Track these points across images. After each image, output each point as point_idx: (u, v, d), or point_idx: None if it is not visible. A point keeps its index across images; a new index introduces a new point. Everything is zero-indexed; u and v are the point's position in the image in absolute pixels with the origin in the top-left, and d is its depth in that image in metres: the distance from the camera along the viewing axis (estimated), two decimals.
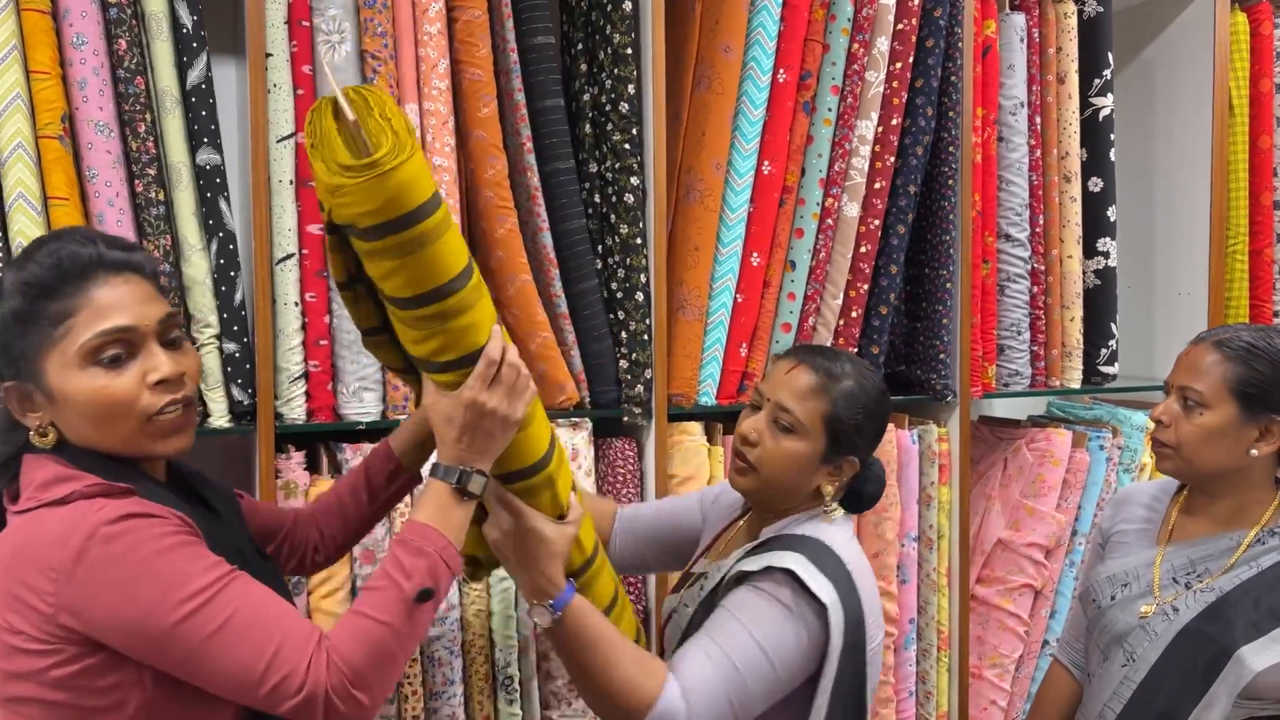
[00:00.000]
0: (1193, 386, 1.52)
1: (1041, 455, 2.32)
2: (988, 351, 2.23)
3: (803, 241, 2.02)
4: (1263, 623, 1.44)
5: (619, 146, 1.87)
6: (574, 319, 1.88)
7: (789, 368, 1.45)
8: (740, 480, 1.46)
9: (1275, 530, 1.51)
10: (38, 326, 1.05)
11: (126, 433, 1.07)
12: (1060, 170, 2.29)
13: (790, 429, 1.41)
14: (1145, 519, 1.66)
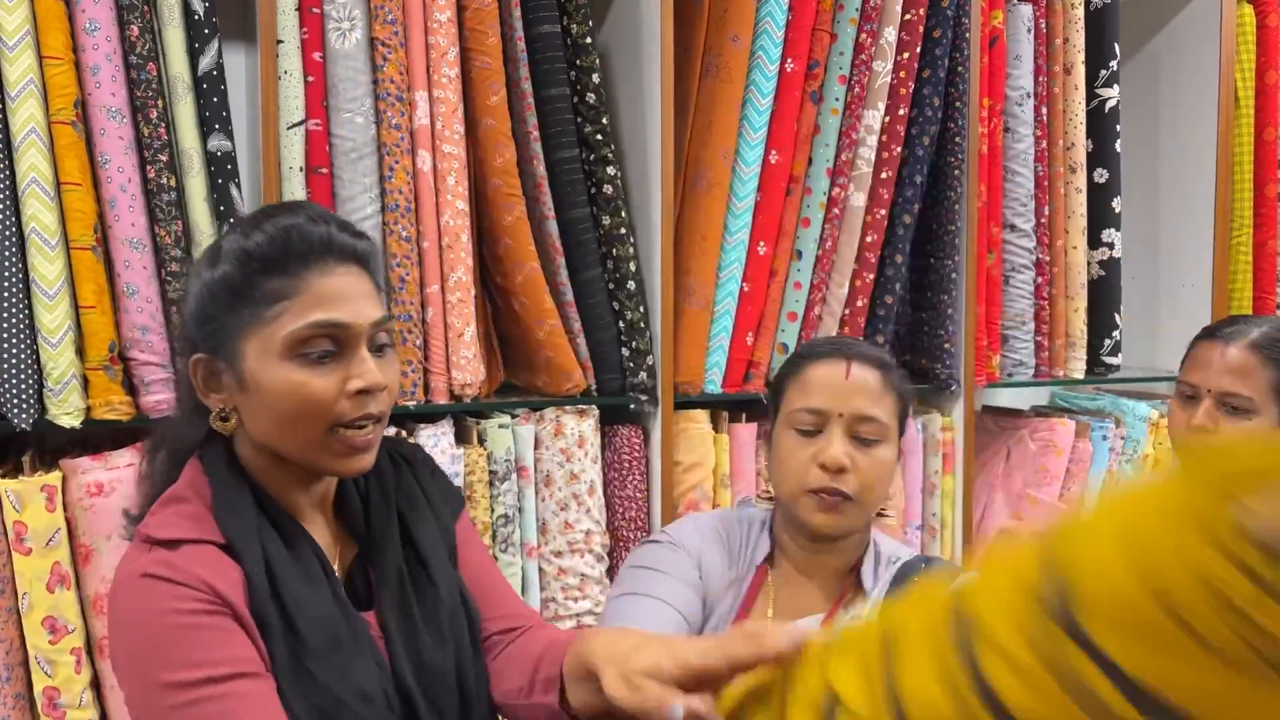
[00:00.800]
0: (1240, 393, 1.50)
1: (1045, 445, 2.33)
2: (992, 341, 2.24)
3: (809, 231, 2.03)
4: None
5: (591, 138, 1.88)
6: (579, 307, 1.89)
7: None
8: None
9: None
10: (248, 302, 0.94)
11: (309, 439, 0.96)
12: (1066, 161, 2.30)
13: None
14: None
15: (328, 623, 0.95)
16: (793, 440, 1.23)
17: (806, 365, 1.26)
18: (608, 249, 1.90)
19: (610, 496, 1.93)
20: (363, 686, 0.94)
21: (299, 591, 0.95)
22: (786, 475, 1.23)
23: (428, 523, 1.09)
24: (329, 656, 0.94)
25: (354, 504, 1.07)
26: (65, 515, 1.53)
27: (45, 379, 1.52)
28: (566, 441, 1.87)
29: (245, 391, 0.96)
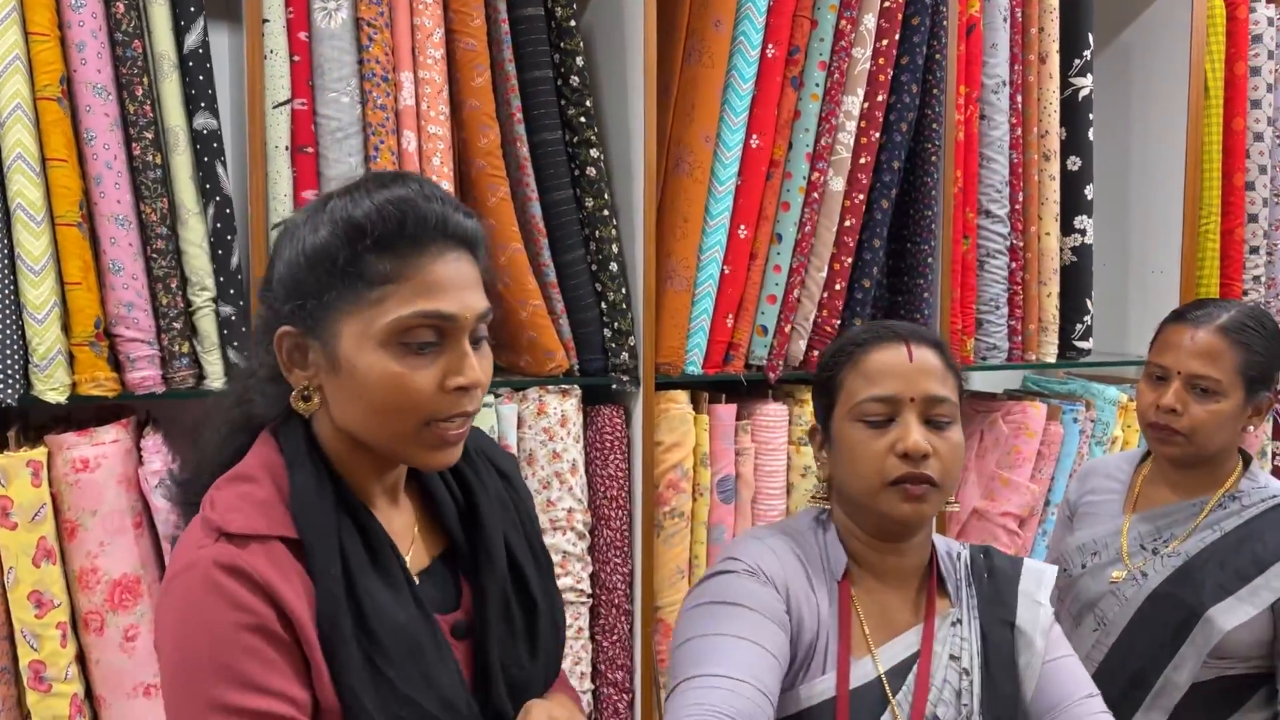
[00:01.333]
0: (1209, 375, 1.53)
1: (1017, 427, 2.38)
2: (967, 325, 2.28)
3: (789, 215, 2.05)
4: (1229, 584, 1.50)
5: (574, 120, 1.90)
6: (562, 288, 1.91)
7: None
8: None
9: (1235, 495, 1.58)
10: (350, 280, 0.87)
11: (401, 432, 0.90)
12: (1040, 149, 2.34)
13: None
14: (1111, 490, 1.72)
15: (408, 629, 0.90)
16: (862, 433, 1.15)
17: (865, 353, 1.19)
18: (590, 231, 1.92)
19: (592, 475, 1.96)
20: (446, 695, 0.90)
21: (379, 596, 0.89)
22: (863, 470, 1.15)
23: (519, 535, 1.04)
24: (409, 665, 0.89)
25: (444, 500, 1.02)
26: (51, 491, 1.54)
27: (31, 355, 1.53)
28: (549, 421, 1.89)
29: (336, 374, 0.90)
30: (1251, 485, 1.59)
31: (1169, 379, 1.57)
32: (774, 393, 2.13)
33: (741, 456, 2.06)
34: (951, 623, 1.19)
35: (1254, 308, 1.60)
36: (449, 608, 0.98)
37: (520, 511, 1.07)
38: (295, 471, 0.92)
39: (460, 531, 1.00)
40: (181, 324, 1.63)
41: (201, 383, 1.67)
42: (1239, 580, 1.50)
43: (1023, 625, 1.19)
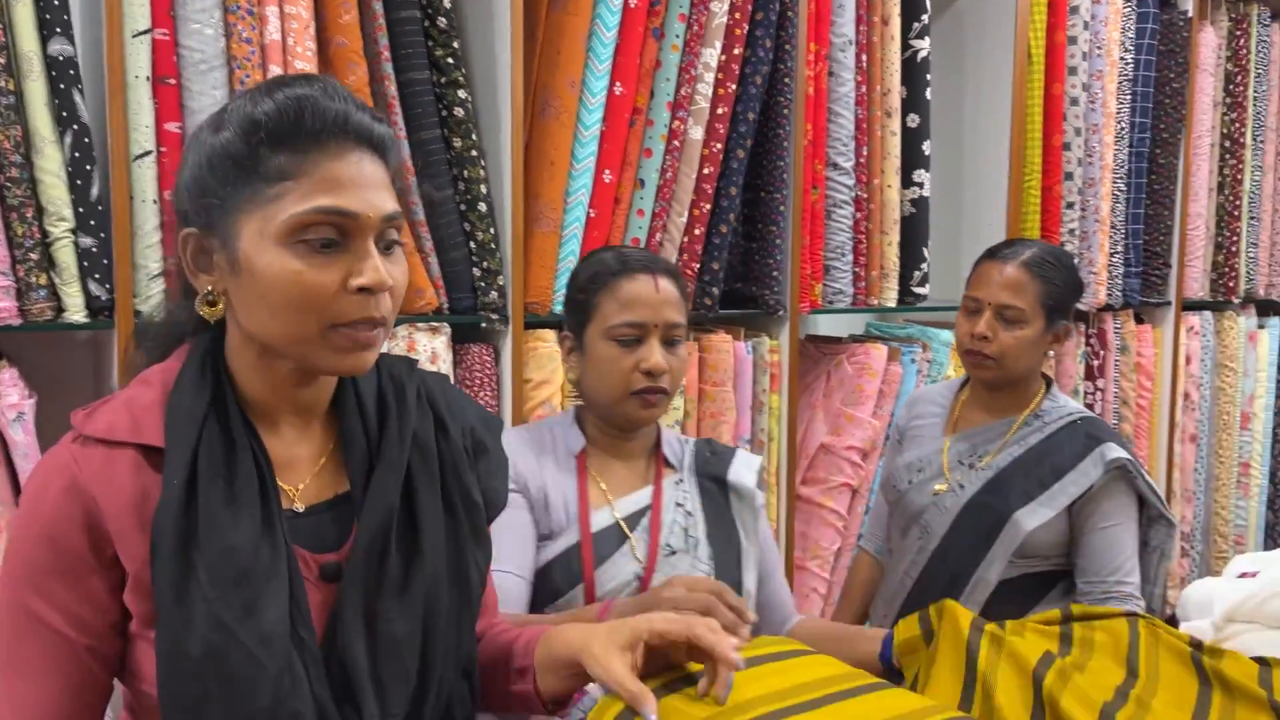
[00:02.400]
0: (1014, 304, 1.72)
1: (860, 368, 2.55)
2: (815, 271, 2.43)
3: (651, 161, 2.14)
4: (1032, 490, 1.70)
5: (442, 61, 1.93)
6: (430, 226, 1.95)
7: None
8: None
9: (1038, 414, 1.78)
10: (249, 177, 0.86)
11: (303, 334, 0.87)
12: (883, 106, 2.50)
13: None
14: (934, 415, 1.90)
15: (240, 554, 0.86)
16: (613, 350, 1.37)
17: (619, 281, 1.38)
18: (459, 171, 1.96)
19: None
20: (266, 630, 0.85)
21: (219, 515, 0.86)
22: (611, 382, 1.37)
23: (433, 484, 0.99)
24: (231, 590, 0.85)
25: (356, 434, 0.98)
26: None
27: None
28: (419, 358, 1.93)
29: (238, 275, 0.88)
30: (1052, 405, 1.79)
31: (981, 310, 1.76)
32: None
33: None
34: (675, 482, 1.45)
35: (1054, 247, 1.81)
36: (329, 548, 0.94)
37: (445, 464, 1.01)
38: (181, 378, 0.91)
39: (361, 473, 0.96)
40: (39, 255, 1.59)
41: (60, 315, 1.63)
42: (1040, 487, 1.70)
43: (733, 481, 1.46)
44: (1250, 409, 3.38)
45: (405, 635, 0.93)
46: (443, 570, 0.96)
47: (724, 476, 1.47)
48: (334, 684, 0.90)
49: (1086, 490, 1.69)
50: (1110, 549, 1.69)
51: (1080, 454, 1.71)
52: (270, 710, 0.84)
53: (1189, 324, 3.16)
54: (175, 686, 0.84)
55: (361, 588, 0.92)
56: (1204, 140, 3.11)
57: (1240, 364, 3.31)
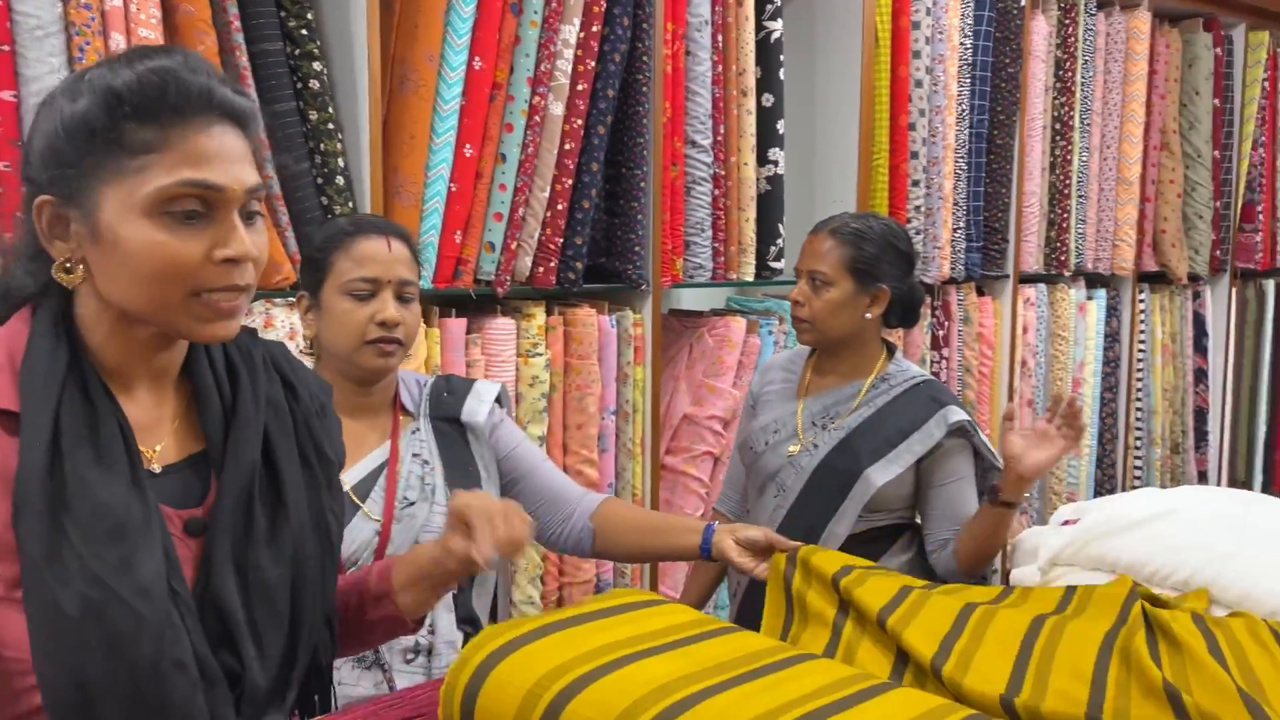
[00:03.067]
0: (819, 270, 1.85)
1: (721, 340, 2.63)
2: (676, 246, 2.49)
3: (512, 136, 2.16)
4: (881, 449, 1.81)
5: (295, 33, 1.91)
6: (287, 200, 1.92)
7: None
8: None
9: (884, 377, 1.89)
10: (110, 149, 0.87)
11: (167, 303, 0.89)
12: (738, 85, 2.57)
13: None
14: (785, 380, 2.00)
15: (112, 510, 0.87)
16: (349, 304, 1.47)
17: (354, 241, 1.48)
18: (315, 144, 1.93)
19: None
20: (144, 583, 0.87)
21: (88, 474, 0.88)
22: (348, 332, 1.47)
23: (288, 440, 1.03)
24: (106, 546, 0.86)
25: (211, 395, 1.00)
26: None
27: None
28: (278, 334, 1.90)
29: (99, 244, 0.89)
30: (897, 369, 1.91)
31: (799, 278, 1.88)
32: (502, 307, 2.24)
33: (472, 368, 2.16)
34: (412, 431, 1.54)
35: (871, 216, 1.92)
36: (191, 505, 0.97)
37: (297, 422, 1.05)
38: (33, 342, 0.91)
39: (218, 432, 0.99)
40: None
41: None
42: (888, 446, 1.81)
43: (466, 420, 1.56)
44: (1080, 375, 3.63)
45: (277, 581, 0.97)
46: (306, 520, 1.01)
47: (458, 417, 1.57)
48: (210, 633, 0.92)
49: (931, 449, 1.80)
50: (951, 503, 1.82)
51: (924, 415, 1.83)
52: (154, 662, 0.86)
53: (1025, 296, 3.37)
54: (52, 647, 0.85)
55: (230, 538, 0.95)
56: (1037, 123, 3.30)
57: (1071, 333, 3.54)
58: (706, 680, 0.91)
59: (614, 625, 1.01)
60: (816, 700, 0.89)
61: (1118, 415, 3.79)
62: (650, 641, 0.98)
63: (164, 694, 0.87)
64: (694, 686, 0.89)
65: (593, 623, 1.01)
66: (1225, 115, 3.96)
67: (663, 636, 1.00)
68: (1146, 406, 3.86)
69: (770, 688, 0.91)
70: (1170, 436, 4.00)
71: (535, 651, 0.95)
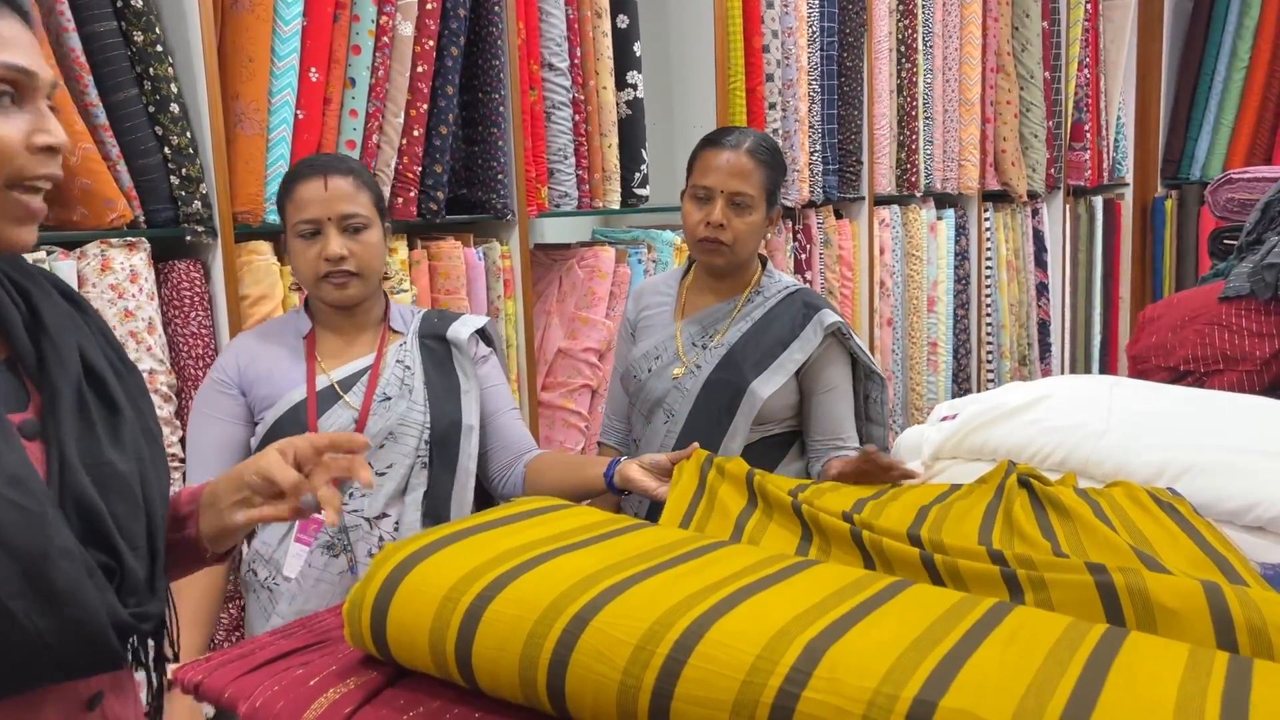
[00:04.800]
0: (743, 191, 1.76)
1: (591, 271, 2.58)
2: (540, 174, 2.41)
3: (360, 59, 2.03)
4: (763, 361, 1.79)
5: None
6: (115, 131, 1.75)
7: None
8: None
9: (759, 290, 1.87)
10: None
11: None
12: (592, 5, 2.50)
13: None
14: (661, 304, 1.95)
15: None
16: (300, 244, 1.56)
17: (294, 186, 1.56)
18: (143, 69, 1.77)
19: (173, 335, 1.85)
20: (10, 470, 0.84)
21: None
22: (304, 271, 1.58)
23: (93, 344, 1.00)
24: None
25: (8, 303, 0.95)
26: None
27: None
28: (116, 277, 1.74)
29: None
30: (769, 281, 1.89)
31: (713, 198, 1.79)
32: None
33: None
34: (400, 345, 1.66)
35: (764, 134, 1.88)
36: (15, 410, 0.93)
37: (94, 328, 1.03)
38: None
39: (25, 338, 0.96)
40: None
41: None
42: (770, 357, 1.79)
43: (451, 337, 1.67)
44: (934, 293, 3.75)
45: (129, 474, 0.95)
46: (134, 420, 1.00)
47: (444, 335, 1.68)
48: (75, 532, 0.88)
49: (810, 355, 1.80)
50: (832, 411, 1.83)
51: (800, 322, 1.82)
52: (42, 551, 0.82)
53: (880, 217, 3.44)
54: None
55: (74, 440, 0.92)
56: (883, 45, 3.36)
57: (924, 253, 3.65)
58: (630, 569, 0.87)
59: (525, 528, 0.96)
60: (741, 579, 0.86)
61: (970, 331, 3.94)
62: (565, 540, 0.94)
63: (55, 583, 0.83)
64: (619, 575, 0.85)
65: (502, 528, 0.96)
66: (1053, 38, 4.13)
67: (577, 535, 0.96)
68: (995, 321, 4.03)
69: (695, 571, 0.88)
70: (1018, 349, 4.19)
71: (447, 558, 0.89)
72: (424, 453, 1.61)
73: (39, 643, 0.82)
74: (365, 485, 1.01)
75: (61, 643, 0.84)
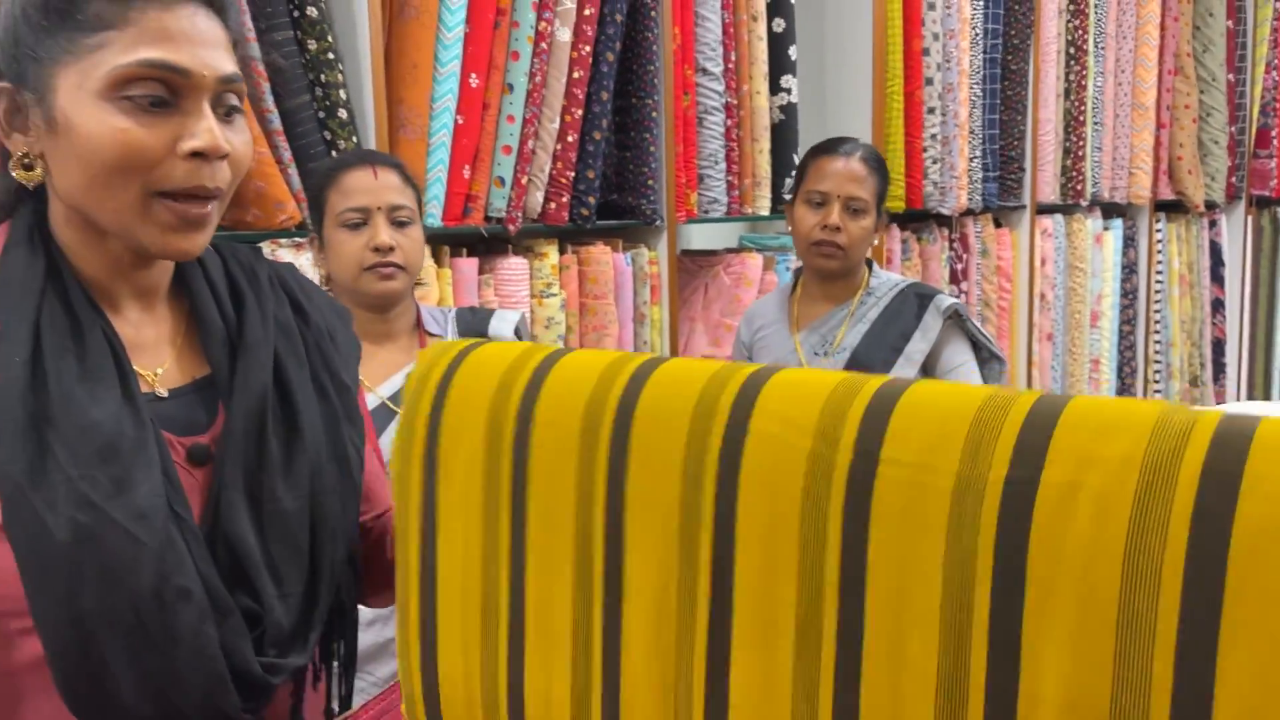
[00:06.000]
0: (860, 196, 1.83)
1: (737, 278, 2.55)
2: (690, 179, 2.40)
3: (519, 64, 2.06)
4: (890, 357, 1.82)
5: None
6: (288, 135, 1.82)
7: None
8: None
9: (870, 291, 1.90)
10: (66, 25, 0.78)
11: (126, 201, 0.80)
12: (748, 10, 2.47)
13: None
14: (776, 321, 1.98)
15: (103, 429, 0.79)
16: (345, 234, 1.51)
17: (340, 175, 1.52)
18: (315, 75, 1.84)
19: None
20: (140, 506, 0.79)
21: (73, 389, 0.79)
22: (346, 262, 1.51)
23: (300, 365, 0.94)
24: (96, 467, 0.78)
25: (211, 316, 0.92)
26: None
27: None
28: None
29: (55, 134, 0.80)
30: (879, 281, 1.92)
31: (828, 203, 1.84)
32: (514, 246, 2.16)
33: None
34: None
35: (871, 146, 1.94)
36: (196, 433, 0.89)
37: (309, 346, 0.96)
38: (8, 252, 0.83)
39: (223, 356, 0.91)
40: None
41: None
42: (895, 352, 1.82)
43: (492, 335, 1.63)
44: (1098, 308, 3.56)
45: (294, 512, 0.88)
46: (324, 450, 0.92)
47: (484, 332, 1.64)
48: (222, 570, 0.84)
49: (933, 342, 1.82)
50: None
51: (919, 312, 1.85)
52: (155, 589, 0.77)
53: (1043, 227, 3.29)
54: (43, 579, 0.76)
55: (241, 468, 0.86)
56: (1051, 47, 3.21)
57: (1089, 264, 3.47)
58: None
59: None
60: None
61: (1136, 348, 3.73)
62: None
63: (169, 625, 0.78)
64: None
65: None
66: (1239, 38, 3.86)
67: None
68: (1164, 338, 3.80)
69: None
70: (1189, 369, 3.94)
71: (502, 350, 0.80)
72: None
73: (149, 685, 0.79)
74: None
75: (175, 686, 0.79)
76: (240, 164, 0.84)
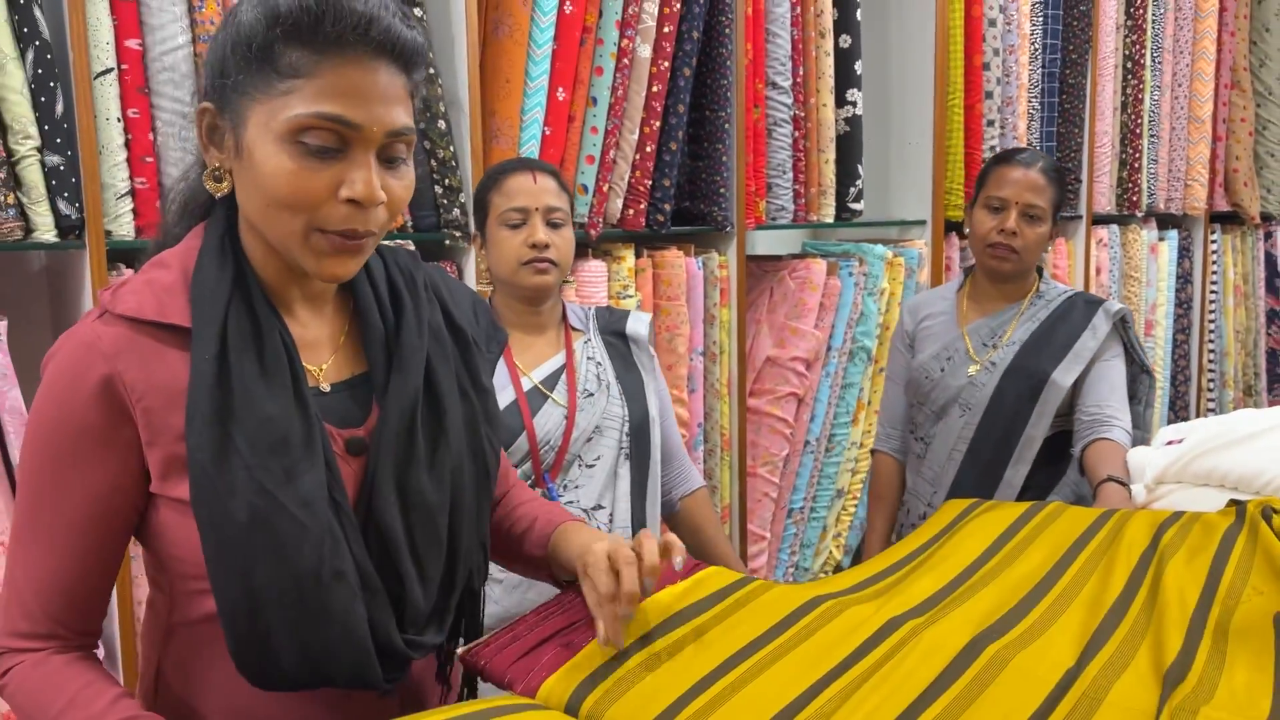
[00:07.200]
0: (1037, 204, 1.95)
1: (802, 282, 2.66)
2: (759, 188, 2.51)
3: (602, 79, 2.19)
4: (1059, 353, 1.94)
5: None
6: None
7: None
8: None
9: (1040, 295, 2.03)
10: (262, 66, 0.86)
11: (289, 231, 0.88)
12: (816, 27, 2.58)
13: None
14: (943, 312, 2.11)
15: (277, 423, 0.88)
16: (505, 232, 1.64)
17: (504, 178, 1.66)
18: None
19: None
20: (307, 495, 0.88)
21: (254, 387, 0.89)
22: (507, 257, 1.64)
23: (448, 369, 1.03)
24: (270, 457, 0.87)
25: (373, 318, 1.00)
26: None
27: None
28: None
29: (240, 159, 0.89)
30: (1048, 287, 2.06)
31: (1006, 209, 1.96)
32: (593, 250, 2.28)
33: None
34: (584, 342, 1.75)
35: (1052, 159, 2.06)
36: (353, 425, 0.97)
37: (455, 347, 1.05)
38: (202, 258, 0.93)
39: (380, 356, 0.99)
40: (5, 174, 1.57)
41: (31, 234, 1.61)
42: (1064, 349, 1.94)
43: (630, 333, 1.78)
44: (1153, 317, 3.61)
45: (437, 505, 0.97)
46: (464, 449, 1.01)
47: (623, 330, 1.78)
48: (371, 551, 0.93)
49: (1102, 341, 1.94)
50: (1103, 380, 1.94)
51: (1088, 315, 1.97)
52: (315, 570, 0.88)
53: (1098, 237, 3.35)
54: (223, 554, 0.87)
55: (392, 460, 0.95)
56: (1108, 61, 3.28)
57: (1144, 274, 3.53)
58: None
59: (706, 641, 1.01)
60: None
61: (1190, 357, 3.77)
62: (750, 655, 0.99)
63: (325, 602, 0.88)
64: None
65: (684, 646, 1.00)
66: None
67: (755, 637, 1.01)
68: (1219, 348, 3.84)
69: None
70: (1243, 378, 3.97)
71: (643, 691, 0.94)
72: (625, 444, 1.70)
73: (306, 655, 0.89)
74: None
75: (327, 658, 0.90)
76: (396, 206, 0.92)
